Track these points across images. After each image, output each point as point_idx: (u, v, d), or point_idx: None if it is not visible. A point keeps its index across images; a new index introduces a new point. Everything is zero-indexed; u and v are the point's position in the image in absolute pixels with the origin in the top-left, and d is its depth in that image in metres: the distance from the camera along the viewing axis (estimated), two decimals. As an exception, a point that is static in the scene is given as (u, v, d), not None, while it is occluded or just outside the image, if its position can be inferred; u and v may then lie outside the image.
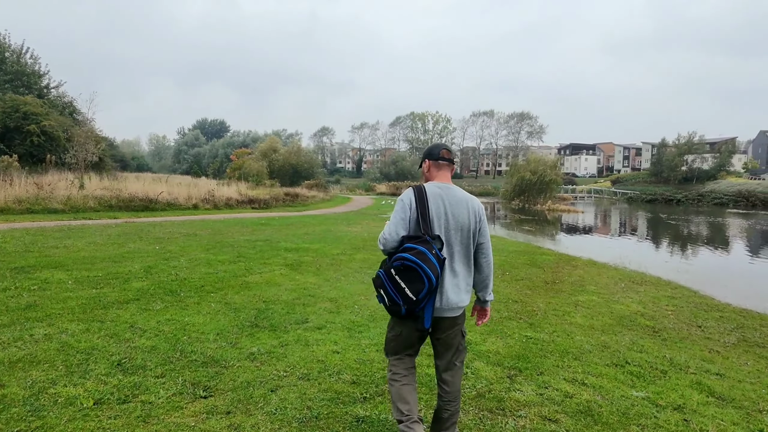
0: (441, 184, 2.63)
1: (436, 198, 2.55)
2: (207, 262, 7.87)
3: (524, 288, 7.55)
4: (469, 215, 2.58)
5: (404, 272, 2.37)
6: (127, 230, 11.30)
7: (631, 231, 22.45)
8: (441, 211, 2.54)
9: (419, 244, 2.40)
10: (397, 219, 2.51)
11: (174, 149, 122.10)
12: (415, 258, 2.35)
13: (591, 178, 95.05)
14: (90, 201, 15.72)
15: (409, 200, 2.54)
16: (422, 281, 2.34)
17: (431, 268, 2.34)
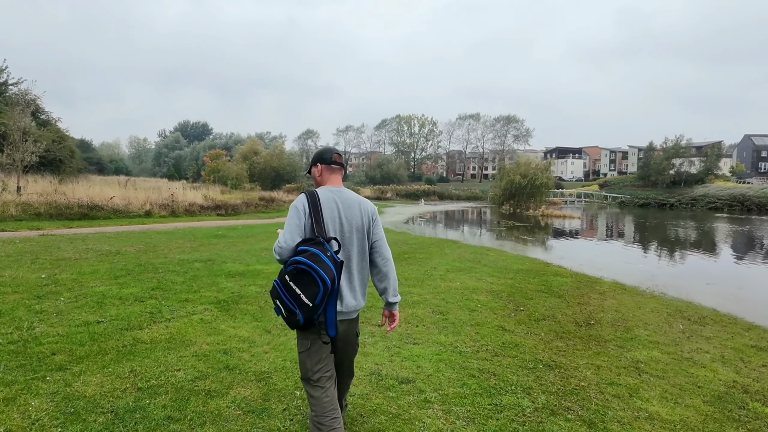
0: (333, 188, 2.59)
1: (329, 201, 2.51)
2: (99, 300, 5.50)
3: (551, 335, 5.33)
4: (362, 216, 2.57)
5: (298, 276, 2.27)
6: (27, 248, 8.83)
7: (641, 240, 20.44)
8: (335, 214, 2.50)
9: (312, 246, 2.32)
10: (292, 226, 2.41)
11: (154, 152, 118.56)
12: (307, 260, 2.25)
13: (578, 181, 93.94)
14: (12, 208, 13.17)
15: (302, 205, 2.46)
16: (317, 284, 2.23)
17: (325, 269, 2.24)
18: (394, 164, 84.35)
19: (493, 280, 8.46)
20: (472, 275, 8.79)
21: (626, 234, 23.61)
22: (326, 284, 2.24)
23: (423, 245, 13.10)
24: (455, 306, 6.40)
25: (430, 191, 58.13)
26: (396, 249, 11.78)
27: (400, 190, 57.16)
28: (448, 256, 11.13)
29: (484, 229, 23.33)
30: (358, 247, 2.56)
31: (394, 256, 10.28)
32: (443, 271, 9.06)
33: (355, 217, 2.54)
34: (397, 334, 5.03)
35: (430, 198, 55.90)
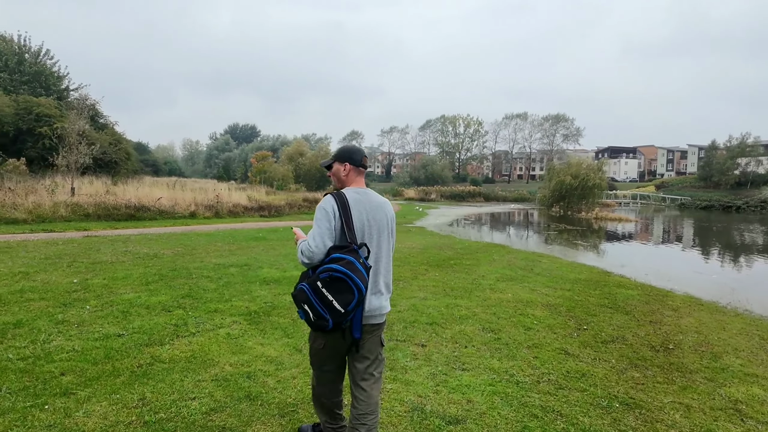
0: (359, 189, 2.56)
1: (358, 204, 2.46)
2: (125, 310, 5.19)
3: (624, 362, 4.57)
4: (387, 220, 2.57)
5: (332, 284, 2.24)
6: (68, 250, 8.79)
7: (709, 247, 18.82)
8: (363, 217, 2.46)
9: (347, 254, 2.29)
10: (323, 229, 2.35)
11: (206, 154, 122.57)
12: (345, 269, 2.23)
13: (632, 182, 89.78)
14: (62, 209, 13.43)
15: (331, 208, 2.40)
16: (352, 292, 2.24)
17: (360, 278, 2.25)
18: (439, 165, 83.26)
19: (548, 291, 7.67)
20: (525, 285, 8.03)
21: (691, 239, 21.89)
22: (361, 292, 2.26)
23: (470, 250, 12.38)
24: (508, 323, 5.72)
25: (475, 192, 56.76)
26: (441, 254, 11.14)
27: (444, 191, 56.14)
28: (497, 263, 10.38)
29: (533, 232, 22.24)
30: (385, 250, 2.55)
31: (439, 262, 9.62)
32: (493, 280, 8.35)
33: (381, 220, 2.53)
34: (444, 357, 4.43)
35: (475, 199, 54.62)
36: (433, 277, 8.35)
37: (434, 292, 7.16)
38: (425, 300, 6.58)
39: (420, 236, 15.47)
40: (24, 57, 39.80)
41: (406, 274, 8.46)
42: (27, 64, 39.49)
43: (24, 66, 39.17)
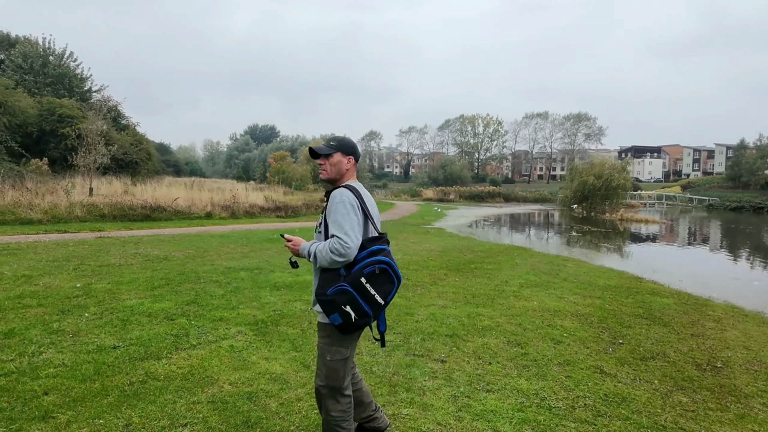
0: (358, 183, 2.52)
1: (368, 197, 2.47)
2: (125, 318, 4.88)
3: (668, 384, 4.08)
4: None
5: (375, 277, 2.24)
6: (77, 252, 8.58)
7: (744, 250, 17.94)
8: (374, 209, 2.48)
9: (384, 244, 2.34)
10: (354, 224, 2.28)
11: (226, 154, 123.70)
12: (388, 259, 2.28)
13: (656, 182, 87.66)
14: (77, 210, 13.35)
15: (356, 202, 2.33)
16: (392, 282, 2.29)
17: (396, 266, 2.32)
18: (458, 165, 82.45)
19: (576, 299, 7.17)
20: (551, 292, 7.54)
21: (723, 242, 20.96)
22: (399, 281, 2.33)
23: (490, 253, 11.89)
24: (535, 335, 5.26)
25: (495, 193, 55.91)
26: (461, 257, 10.68)
27: (463, 192, 55.41)
28: (519, 267, 9.88)
29: (556, 234, 21.57)
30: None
31: (459, 266, 9.16)
32: (516, 286, 7.87)
33: (378, 213, 2.56)
34: (466, 375, 4.00)
35: (495, 200, 53.80)
36: (452, 282, 7.91)
37: (454, 299, 6.73)
38: (445, 308, 6.16)
39: (438, 238, 15.02)
40: (48, 59, 40.45)
41: (424, 279, 8.04)
42: (51, 66, 40.13)
43: (48, 68, 39.82)
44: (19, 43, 39.98)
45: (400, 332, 5.06)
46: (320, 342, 2.42)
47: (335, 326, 2.27)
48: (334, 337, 2.35)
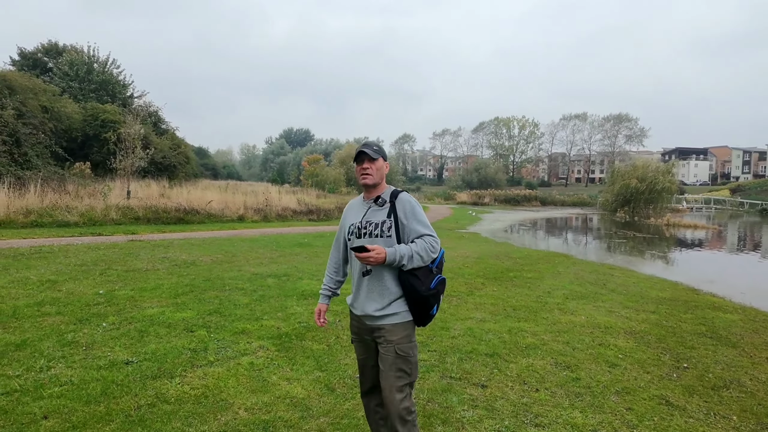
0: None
1: None
2: (143, 329, 4.62)
3: (750, 421, 3.49)
4: None
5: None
6: (106, 255, 8.50)
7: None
8: None
9: None
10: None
11: (262, 158, 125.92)
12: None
13: (702, 186, 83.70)
14: (113, 213, 13.48)
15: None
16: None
17: None
18: (492, 168, 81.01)
19: (629, 313, 6.54)
20: (600, 305, 6.93)
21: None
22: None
23: (530, 260, 11.27)
24: (586, 355, 4.71)
25: (531, 196, 54.49)
26: (499, 264, 10.12)
27: (498, 195, 54.25)
28: (562, 276, 9.26)
29: (598, 240, 20.56)
30: None
31: (497, 274, 8.64)
32: (560, 297, 7.28)
33: None
34: (511, 405, 3.52)
35: (531, 203, 52.44)
36: (490, 292, 7.39)
37: (493, 311, 6.22)
38: (483, 322, 5.67)
39: (474, 243, 14.45)
40: (93, 66, 41.88)
41: (460, 288, 7.55)
42: (95, 73, 41.52)
43: (92, 75, 41.21)
44: (66, 52, 41.53)
45: (435, 350, 4.62)
46: (401, 344, 2.38)
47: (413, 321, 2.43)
48: (412, 332, 2.43)
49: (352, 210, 2.58)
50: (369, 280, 2.39)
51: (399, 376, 2.35)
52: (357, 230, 2.45)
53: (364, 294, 2.42)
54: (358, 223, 2.45)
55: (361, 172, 2.47)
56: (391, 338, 2.37)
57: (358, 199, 2.61)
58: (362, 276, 2.42)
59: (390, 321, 2.38)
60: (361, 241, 2.41)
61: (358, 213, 2.50)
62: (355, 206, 2.59)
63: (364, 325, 2.47)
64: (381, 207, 2.45)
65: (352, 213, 2.55)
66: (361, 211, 2.50)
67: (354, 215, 2.52)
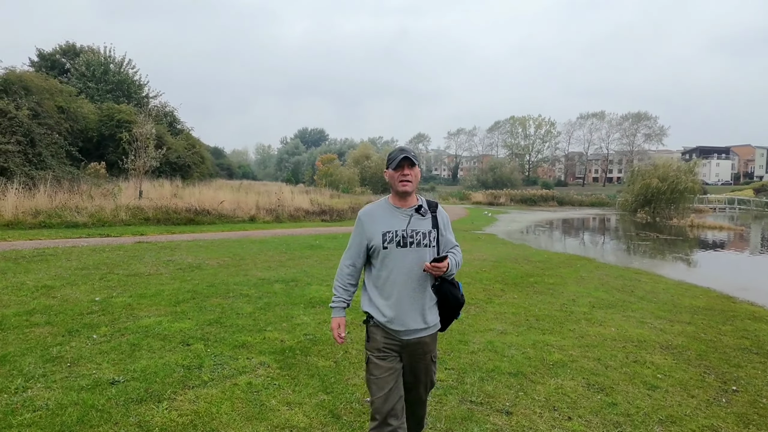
0: None
1: None
2: (136, 342, 4.27)
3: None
4: None
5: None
6: (109, 258, 8.21)
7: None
8: None
9: None
10: None
11: (276, 158, 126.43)
12: None
13: (725, 185, 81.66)
14: (122, 213, 13.27)
15: None
16: None
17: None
18: (508, 167, 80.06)
19: (662, 325, 6.03)
20: (630, 315, 6.42)
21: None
22: None
23: (550, 264, 10.76)
24: (621, 375, 4.24)
25: (548, 196, 53.54)
26: (518, 269, 9.63)
27: (514, 195, 53.40)
28: (586, 282, 8.74)
29: (619, 242, 19.86)
30: None
31: (517, 279, 8.16)
32: (586, 306, 6.79)
33: None
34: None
35: (548, 204, 51.54)
36: (511, 300, 6.93)
37: (515, 322, 5.77)
38: (505, 335, 5.22)
39: (490, 245, 13.96)
40: (109, 67, 42.15)
41: (478, 295, 7.10)
42: (111, 74, 41.79)
43: (108, 75, 41.48)
44: (83, 53, 41.86)
45: (453, 368, 4.19)
46: (434, 352, 2.50)
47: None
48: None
49: (378, 216, 2.39)
50: (414, 292, 2.35)
51: (431, 381, 2.53)
52: (401, 239, 2.33)
53: (408, 307, 2.34)
54: (403, 231, 2.34)
55: (403, 179, 2.34)
56: (429, 349, 2.44)
57: (383, 205, 2.44)
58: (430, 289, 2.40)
59: (431, 332, 2.43)
60: (419, 251, 2.35)
61: (394, 220, 2.37)
62: (381, 212, 2.41)
63: (399, 340, 2.36)
64: (424, 217, 2.40)
65: (382, 219, 2.38)
66: (398, 218, 2.37)
67: (386, 222, 2.36)
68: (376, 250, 2.35)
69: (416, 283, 2.34)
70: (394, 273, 2.32)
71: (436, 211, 2.45)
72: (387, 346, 2.35)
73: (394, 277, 2.32)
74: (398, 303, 2.32)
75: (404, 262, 2.32)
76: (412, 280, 2.33)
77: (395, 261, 2.32)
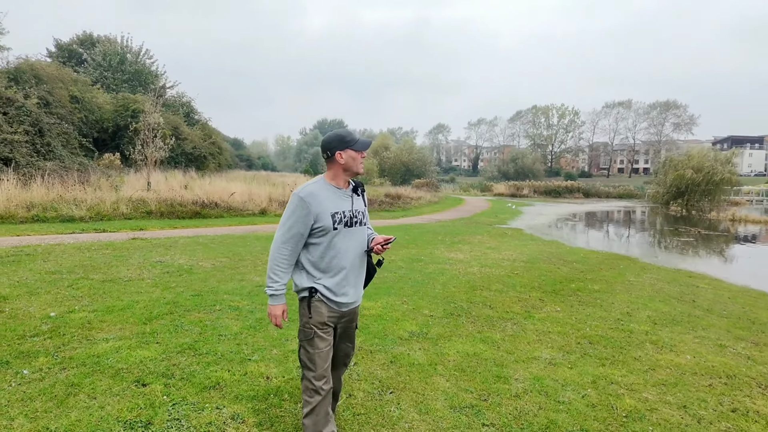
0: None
1: None
2: (77, 381, 3.27)
3: None
4: None
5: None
6: (93, 259, 7.27)
7: None
8: None
9: None
10: None
11: (296, 149, 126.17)
12: None
13: (758, 176, 78.18)
14: (123, 206, 12.43)
15: None
16: None
17: None
18: (530, 158, 78.05)
19: (747, 349, 4.83)
20: (702, 335, 5.22)
21: None
22: None
23: (589, 264, 9.53)
24: None
25: (573, 188, 51.57)
26: (555, 271, 8.44)
27: (538, 187, 51.58)
28: (636, 288, 7.52)
29: (660, 238, 18.36)
30: None
31: (555, 286, 6.95)
32: (646, 323, 5.60)
33: None
34: None
35: (573, 195, 49.67)
36: (553, 314, 5.78)
37: (564, 346, 4.63)
38: (554, 366, 4.10)
39: (519, 242, 12.75)
40: (126, 57, 41.72)
41: (513, 306, 5.97)
42: (128, 63, 41.37)
43: (125, 65, 41.06)
44: (100, 42, 41.47)
45: (493, 423, 3.09)
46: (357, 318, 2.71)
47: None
48: None
49: (325, 198, 2.40)
50: (358, 269, 2.52)
51: (353, 348, 2.76)
52: (349, 219, 2.44)
53: (354, 281, 2.50)
54: (350, 212, 2.45)
55: (362, 161, 2.48)
56: (356, 316, 2.65)
57: (324, 186, 2.44)
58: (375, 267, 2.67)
59: (360, 303, 2.63)
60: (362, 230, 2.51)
61: (340, 201, 2.44)
62: (326, 193, 2.42)
63: (340, 313, 2.49)
64: (359, 196, 2.53)
65: (328, 200, 2.40)
66: (342, 199, 2.45)
67: (333, 203, 2.41)
68: (323, 231, 2.37)
69: (359, 260, 2.51)
70: (342, 251, 2.41)
71: (363, 191, 2.57)
72: (330, 320, 2.45)
73: (342, 256, 2.42)
74: (345, 279, 2.44)
75: (352, 241, 2.45)
76: (357, 257, 2.49)
77: (344, 240, 2.41)
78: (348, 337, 2.65)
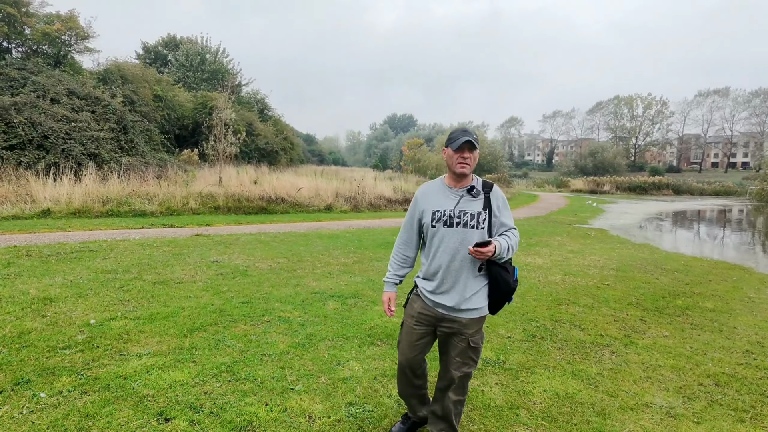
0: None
1: None
2: (91, 412, 2.83)
3: None
4: None
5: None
6: (152, 257, 7.08)
7: None
8: None
9: None
10: None
11: (366, 144, 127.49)
12: None
13: None
14: (192, 201, 12.53)
15: None
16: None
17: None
18: (610, 152, 73.16)
19: None
20: None
21: None
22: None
23: (694, 274, 8.18)
24: None
25: (661, 184, 47.43)
26: (653, 282, 7.24)
27: (621, 182, 47.96)
28: (761, 308, 6.21)
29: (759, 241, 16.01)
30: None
31: (657, 302, 5.68)
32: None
33: None
34: None
35: (661, 192, 45.74)
36: (661, 340, 4.75)
37: (682, 388, 3.65)
38: (675, 420, 3.16)
39: (605, 245, 11.43)
40: (205, 57, 43.55)
41: (609, 329, 4.99)
42: (207, 63, 43.15)
43: (204, 65, 42.87)
44: (182, 44, 43.58)
45: None
46: (477, 334, 2.47)
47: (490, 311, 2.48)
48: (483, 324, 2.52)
49: (432, 195, 2.44)
50: (456, 272, 2.39)
51: (468, 363, 2.48)
52: (449, 219, 2.39)
53: (449, 285, 2.41)
54: (450, 212, 2.39)
55: (461, 161, 2.36)
56: (467, 331, 2.44)
57: (438, 184, 2.48)
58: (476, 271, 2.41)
59: (469, 316, 2.42)
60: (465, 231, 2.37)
61: (445, 200, 2.41)
62: (435, 191, 2.45)
63: (435, 313, 2.46)
64: (475, 198, 2.41)
65: (435, 198, 2.43)
66: (449, 198, 2.41)
67: (438, 201, 2.41)
68: (426, 227, 2.43)
69: (459, 264, 2.37)
70: (440, 251, 2.39)
71: (490, 192, 2.42)
72: (421, 315, 2.47)
73: (440, 255, 2.39)
74: (441, 280, 2.40)
75: (449, 242, 2.37)
76: (456, 260, 2.37)
77: (441, 240, 2.39)
78: (450, 349, 2.49)
